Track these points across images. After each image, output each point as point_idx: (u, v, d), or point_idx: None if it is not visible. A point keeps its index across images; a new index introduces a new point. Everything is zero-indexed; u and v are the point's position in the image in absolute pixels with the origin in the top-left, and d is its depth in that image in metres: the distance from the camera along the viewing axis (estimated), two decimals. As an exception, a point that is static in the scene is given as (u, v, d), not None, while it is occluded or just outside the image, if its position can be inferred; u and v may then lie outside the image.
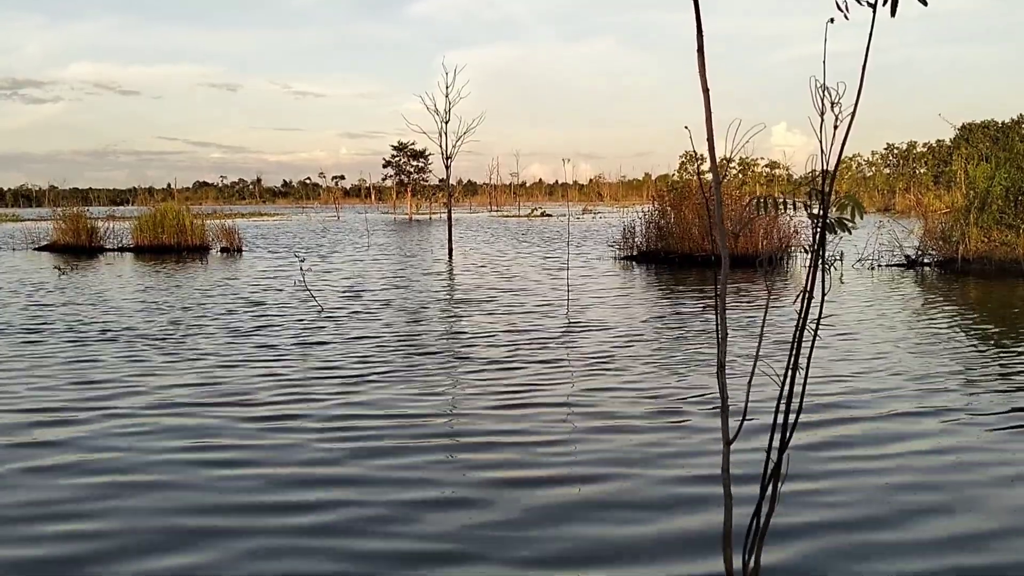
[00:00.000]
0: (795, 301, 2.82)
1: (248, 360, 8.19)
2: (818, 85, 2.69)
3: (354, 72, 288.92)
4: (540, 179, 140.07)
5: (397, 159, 76.35)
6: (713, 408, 6.06)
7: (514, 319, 10.72)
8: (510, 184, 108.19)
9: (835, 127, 2.72)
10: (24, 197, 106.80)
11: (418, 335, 9.61)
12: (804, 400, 2.97)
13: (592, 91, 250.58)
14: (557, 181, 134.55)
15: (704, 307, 11.89)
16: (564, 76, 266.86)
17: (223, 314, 11.50)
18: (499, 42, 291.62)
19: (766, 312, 3.23)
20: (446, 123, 25.06)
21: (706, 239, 18.84)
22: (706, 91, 2.80)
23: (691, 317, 11.12)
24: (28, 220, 42.67)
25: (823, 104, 2.71)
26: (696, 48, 2.76)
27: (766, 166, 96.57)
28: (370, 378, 7.32)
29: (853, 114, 2.67)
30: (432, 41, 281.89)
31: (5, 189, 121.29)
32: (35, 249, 26.30)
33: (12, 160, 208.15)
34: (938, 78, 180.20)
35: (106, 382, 7.28)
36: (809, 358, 2.94)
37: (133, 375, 7.55)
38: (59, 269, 19.06)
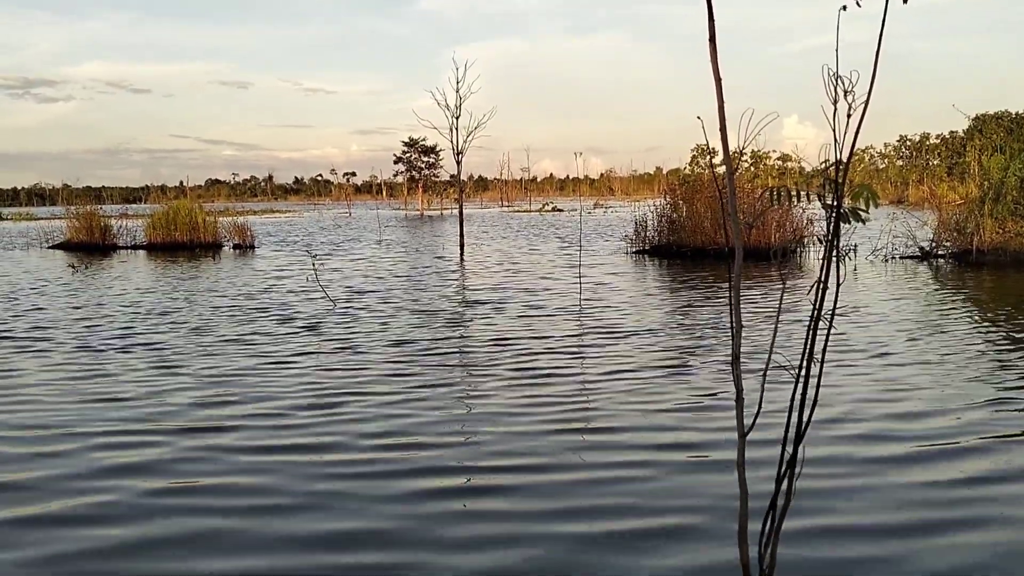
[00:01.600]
0: (810, 291, 2.80)
1: (263, 369, 7.80)
2: (830, 74, 2.67)
3: (362, 69, 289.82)
4: (551, 174, 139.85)
5: (408, 155, 76.67)
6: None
7: (533, 323, 10.37)
8: (521, 179, 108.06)
9: (848, 116, 2.70)
10: (38, 196, 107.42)
11: (433, 340, 9.28)
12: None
13: (600, 85, 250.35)
14: (568, 176, 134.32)
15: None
16: (571, 70, 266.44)
17: (237, 319, 11.43)
18: (505, 37, 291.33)
19: (780, 303, 3.21)
20: (457, 119, 25.01)
21: (718, 232, 18.79)
22: (718, 80, 2.78)
23: (710, 313, 11.07)
24: (42, 218, 43.00)
25: (836, 93, 2.69)
26: (708, 37, 2.74)
27: (778, 159, 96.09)
28: (385, 393, 6.84)
29: (867, 101, 2.65)
30: (437, 36, 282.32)
31: (19, 188, 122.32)
32: (49, 247, 26.51)
33: (25, 159, 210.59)
34: (951, 69, 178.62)
35: (110, 394, 6.94)
36: (824, 348, 2.92)
37: (140, 387, 7.18)
38: (73, 267, 19.20)
